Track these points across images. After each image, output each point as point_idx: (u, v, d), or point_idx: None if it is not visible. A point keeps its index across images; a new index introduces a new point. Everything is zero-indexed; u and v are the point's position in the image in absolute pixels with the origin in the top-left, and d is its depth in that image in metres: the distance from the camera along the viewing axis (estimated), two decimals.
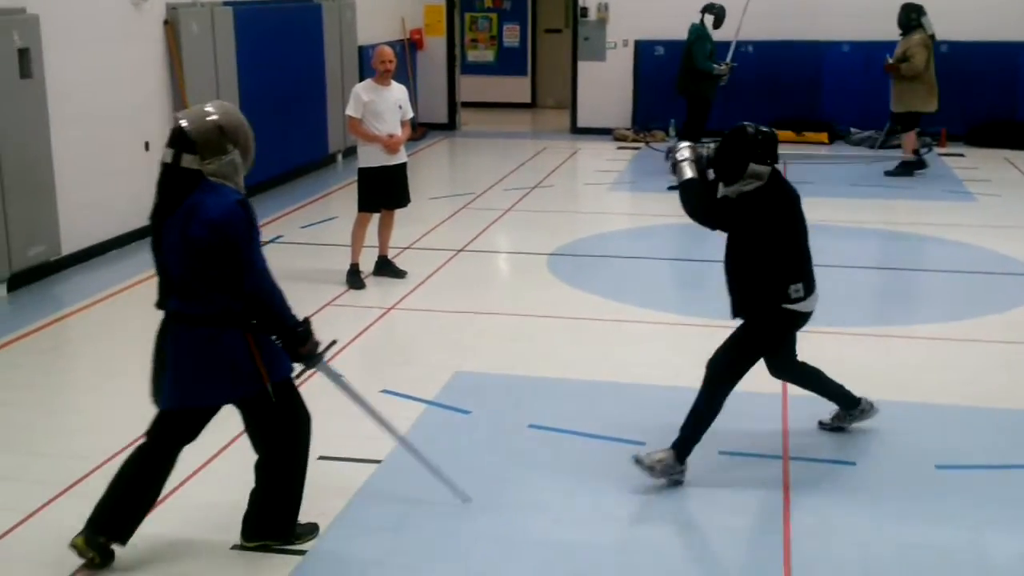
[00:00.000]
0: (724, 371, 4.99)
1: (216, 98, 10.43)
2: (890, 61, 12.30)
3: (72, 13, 8.56)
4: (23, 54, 7.85)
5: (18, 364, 6.63)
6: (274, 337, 4.16)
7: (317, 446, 5.33)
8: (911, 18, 12.32)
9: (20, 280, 8.08)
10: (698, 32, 12.60)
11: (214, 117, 4.06)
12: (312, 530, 4.55)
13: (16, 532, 4.53)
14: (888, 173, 12.65)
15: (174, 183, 4.04)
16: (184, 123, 4.03)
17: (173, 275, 4.09)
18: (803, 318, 5.08)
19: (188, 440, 4.33)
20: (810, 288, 5.02)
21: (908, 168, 12.55)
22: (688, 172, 5.04)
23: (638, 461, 4.94)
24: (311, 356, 4.27)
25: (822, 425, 5.61)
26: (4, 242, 7.76)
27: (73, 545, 4.23)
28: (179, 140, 4.02)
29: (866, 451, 5.36)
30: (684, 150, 5.09)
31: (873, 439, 5.52)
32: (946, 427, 5.71)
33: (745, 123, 4.94)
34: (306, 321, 4.23)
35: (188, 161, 4.02)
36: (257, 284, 4.06)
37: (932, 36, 12.24)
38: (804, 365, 5.42)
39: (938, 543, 4.50)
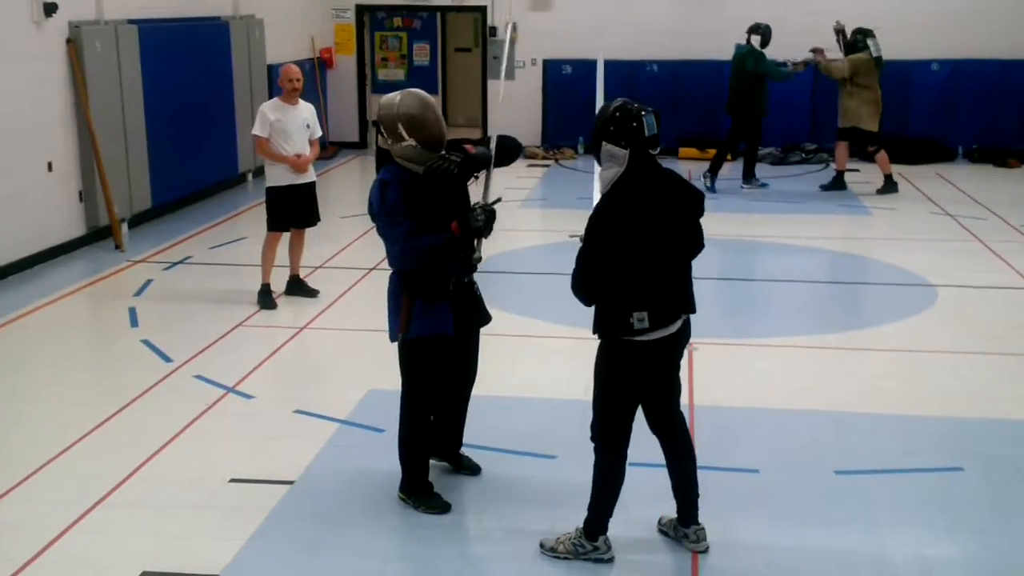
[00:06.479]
0: (601, 431, 4.43)
1: (121, 117, 10.36)
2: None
3: None
4: None
5: None
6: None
7: (234, 466, 5.32)
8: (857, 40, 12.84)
9: None
10: (751, 52, 12.83)
11: (392, 108, 4.69)
12: (444, 508, 4.90)
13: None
14: (823, 187, 13.13)
15: (377, 158, 4.99)
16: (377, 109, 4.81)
17: None
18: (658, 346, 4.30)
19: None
20: (661, 319, 4.25)
21: (841, 182, 13.05)
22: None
23: (542, 545, 4.58)
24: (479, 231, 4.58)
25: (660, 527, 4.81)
26: None
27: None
28: (375, 123, 4.89)
29: (769, 457, 5.53)
30: None
31: (774, 445, 5.70)
32: (846, 433, 5.90)
33: (621, 99, 4.32)
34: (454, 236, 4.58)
35: (380, 141, 4.81)
36: (398, 258, 4.67)
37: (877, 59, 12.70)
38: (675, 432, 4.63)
39: (839, 546, 4.68)
